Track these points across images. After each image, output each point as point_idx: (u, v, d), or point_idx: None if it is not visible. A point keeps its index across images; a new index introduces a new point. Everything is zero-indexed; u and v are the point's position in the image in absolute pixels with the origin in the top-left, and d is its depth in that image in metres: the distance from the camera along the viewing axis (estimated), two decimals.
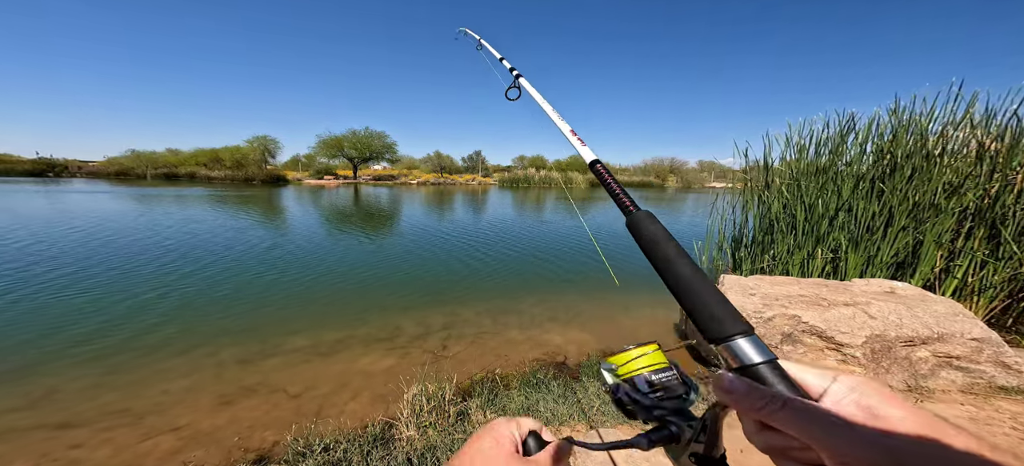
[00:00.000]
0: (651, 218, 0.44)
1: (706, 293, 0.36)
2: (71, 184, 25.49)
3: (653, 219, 0.44)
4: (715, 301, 0.36)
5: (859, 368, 2.64)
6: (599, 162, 0.57)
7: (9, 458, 1.98)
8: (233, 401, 2.54)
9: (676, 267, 0.39)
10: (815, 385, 0.30)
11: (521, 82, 0.94)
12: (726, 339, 0.33)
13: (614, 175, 0.53)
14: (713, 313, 0.35)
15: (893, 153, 4.02)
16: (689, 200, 25.34)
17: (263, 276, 5.37)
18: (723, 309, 0.35)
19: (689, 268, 0.39)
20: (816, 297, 3.04)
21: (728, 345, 0.33)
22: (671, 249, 0.41)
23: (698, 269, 0.39)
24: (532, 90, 0.86)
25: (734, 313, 0.34)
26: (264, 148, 42.13)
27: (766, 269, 4.78)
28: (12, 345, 3.17)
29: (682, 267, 0.39)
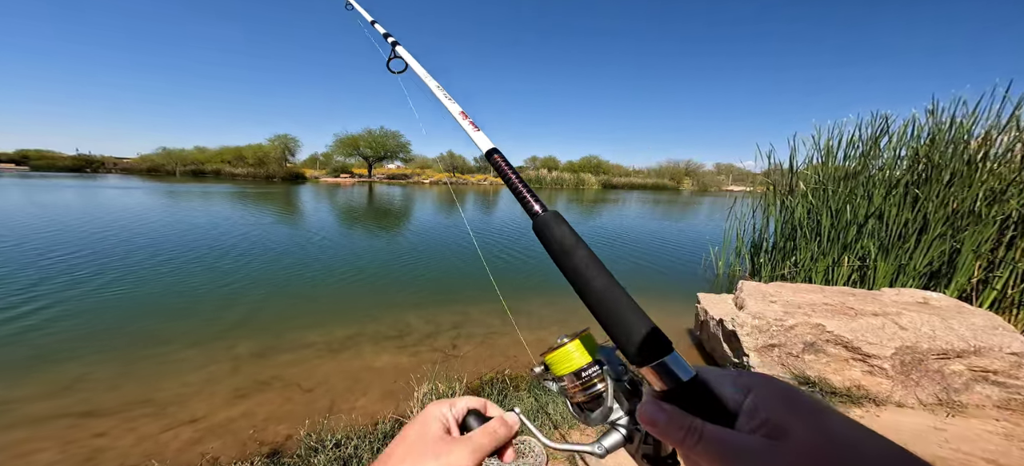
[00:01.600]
0: (559, 220, 0.39)
1: (624, 308, 0.34)
2: (106, 180, 26.84)
3: (562, 221, 0.39)
4: (633, 317, 0.33)
5: (886, 381, 2.52)
6: (497, 152, 0.48)
7: (36, 445, 2.07)
8: (248, 394, 2.60)
9: (588, 277, 0.35)
10: (732, 399, 0.30)
11: (400, 52, 0.77)
12: (648, 359, 0.31)
13: (519, 174, 0.44)
14: (631, 331, 0.32)
15: (930, 157, 3.80)
16: (705, 203, 24.75)
17: (279, 271, 5.51)
18: (641, 326, 0.32)
19: (604, 279, 0.35)
20: (842, 306, 2.91)
21: (653, 366, 0.31)
22: (581, 256, 0.36)
23: (614, 281, 0.35)
24: (414, 63, 0.72)
25: (653, 330, 0.32)
26: (284, 146, 43.40)
27: (787, 276, 4.60)
28: (39, 335, 3.34)
29: (596, 278, 0.35)
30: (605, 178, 51.26)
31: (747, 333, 2.82)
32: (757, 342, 2.79)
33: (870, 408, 2.43)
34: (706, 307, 3.37)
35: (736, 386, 0.30)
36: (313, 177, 42.33)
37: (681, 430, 0.29)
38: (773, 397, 0.27)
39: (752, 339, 2.80)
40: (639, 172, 61.68)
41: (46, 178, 26.55)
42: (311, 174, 44.41)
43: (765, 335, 2.78)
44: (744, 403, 0.29)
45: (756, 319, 2.83)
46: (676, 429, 0.29)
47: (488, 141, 0.51)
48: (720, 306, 3.32)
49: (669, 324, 4.13)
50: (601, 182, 48.65)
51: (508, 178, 0.44)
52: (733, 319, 2.92)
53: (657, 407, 0.30)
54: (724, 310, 3.20)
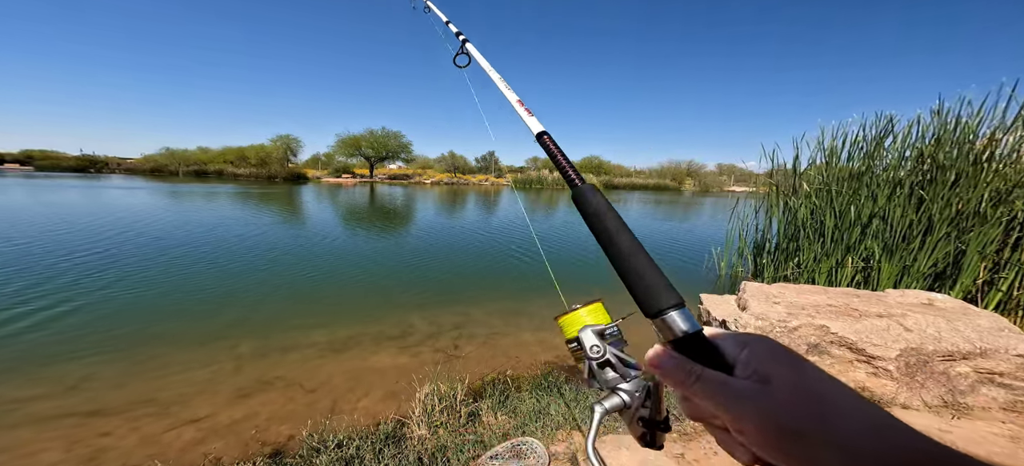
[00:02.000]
0: (595, 191, 0.46)
1: (643, 266, 0.38)
2: (110, 180, 26.98)
3: (597, 192, 0.45)
4: (651, 274, 0.37)
5: (891, 383, 2.51)
6: (546, 134, 0.55)
7: (43, 444, 2.08)
8: (251, 394, 2.61)
9: (616, 239, 0.40)
10: (731, 353, 0.33)
11: (468, 48, 0.87)
12: (660, 313, 0.35)
13: (565, 155, 0.52)
14: (649, 286, 0.36)
15: (935, 158, 3.78)
16: (707, 204, 24.67)
17: (282, 270, 5.52)
18: (658, 282, 0.36)
19: (629, 241, 0.40)
20: (846, 307, 2.89)
21: (662, 318, 0.35)
22: (612, 220, 0.42)
23: (637, 242, 0.40)
24: (479, 57, 0.81)
25: (668, 286, 0.36)
26: (287, 147, 43.54)
27: (790, 277, 4.58)
28: (46, 334, 3.35)
29: (622, 239, 0.40)
30: (606, 178, 51.22)
31: None
32: None
33: None
34: (708, 308, 3.36)
35: (736, 341, 0.33)
36: (315, 177, 42.42)
37: (683, 372, 0.32)
38: (763, 351, 0.31)
39: None
40: (640, 172, 61.55)
41: (51, 178, 26.71)
42: (313, 174, 44.52)
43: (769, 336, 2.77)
44: (741, 355, 0.32)
45: (759, 320, 2.82)
46: (679, 371, 0.33)
47: (538, 124, 0.58)
48: (723, 307, 3.31)
49: None
50: (602, 182, 48.58)
51: (555, 157, 0.52)
52: (736, 320, 2.91)
53: (665, 352, 0.34)
54: (727, 311, 3.18)
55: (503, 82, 0.70)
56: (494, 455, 1.82)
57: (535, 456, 1.81)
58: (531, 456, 1.81)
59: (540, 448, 1.85)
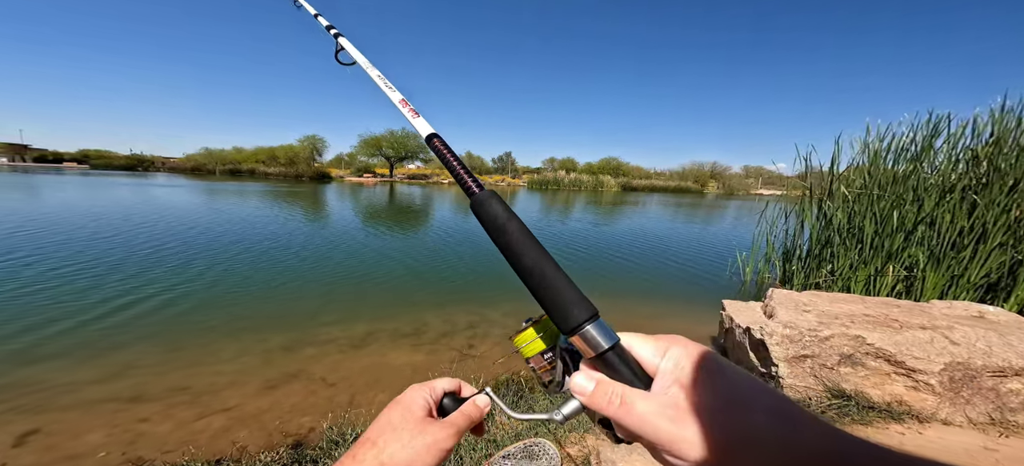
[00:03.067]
0: (494, 198, 0.40)
1: (553, 280, 0.36)
2: (156, 178, 28.89)
3: (497, 199, 0.40)
4: (563, 288, 0.35)
5: (932, 397, 2.35)
6: (437, 137, 0.49)
7: (86, 426, 2.25)
8: (277, 386, 2.72)
9: (521, 251, 0.37)
10: (651, 362, 0.32)
11: (343, 43, 0.77)
12: (575, 329, 0.33)
13: (459, 157, 0.45)
14: (561, 302, 0.35)
15: (992, 160, 3.48)
16: (730, 207, 23.73)
17: (308, 267, 5.74)
18: (570, 296, 0.35)
19: (535, 253, 0.37)
20: (885, 318, 2.72)
21: (580, 335, 0.33)
22: (514, 231, 0.38)
23: (545, 254, 0.37)
24: (356, 53, 0.72)
25: (581, 299, 0.34)
26: (313, 147, 45.32)
27: (822, 285, 4.34)
28: (104, 324, 3.62)
29: (527, 252, 0.37)
30: (624, 180, 50.21)
31: (776, 343, 2.68)
32: (788, 352, 2.64)
33: (912, 425, 2.28)
34: (732, 314, 3.23)
35: (656, 348, 0.32)
36: (338, 176, 43.91)
37: (605, 397, 0.31)
38: (682, 359, 0.30)
39: (782, 349, 2.66)
40: (661, 174, 60.01)
41: (105, 176, 28.91)
42: (336, 174, 46.10)
43: (797, 345, 2.63)
44: (661, 364, 0.31)
45: (787, 328, 2.69)
46: (601, 397, 0.32)
47: (428, 126, 0.52)
48: (747, 314, 3.17)
49: (690, 331, 3.99)
50: (620, 184, 47.68)
51: (447, 161, 0.45)
52: (761, 328, 2.78)
53: (586, 376, 0.33)
54: (751, 318, 3.05)
55: (384, 81, 0.63)
56: (506, 455, 1.82)
57: (547, 457, 1.79)
58: (543, 457, 1.79)
59: (553, 450, 1.84)
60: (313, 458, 1.91)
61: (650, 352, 0.32)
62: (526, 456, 1.87)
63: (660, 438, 0.28)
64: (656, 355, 0.32)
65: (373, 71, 0.66)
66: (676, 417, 0.28)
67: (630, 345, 0.33)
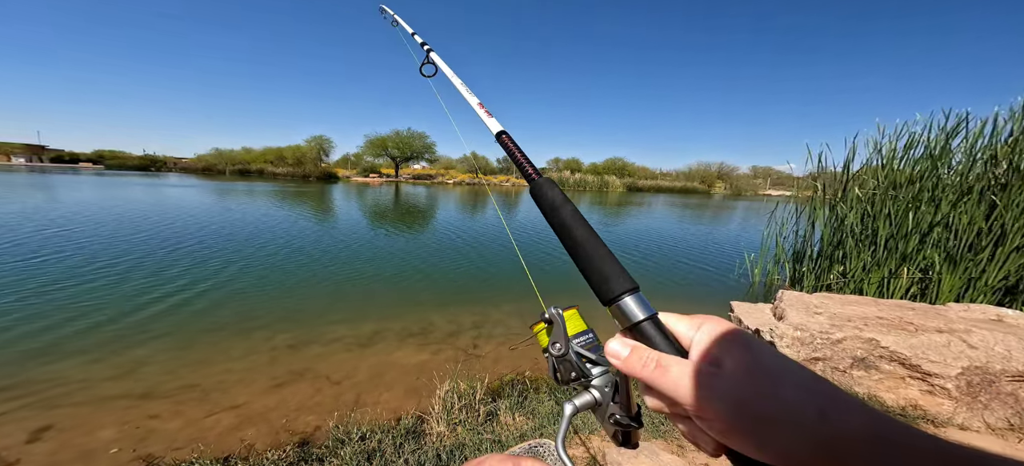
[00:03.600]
0: (551, 184, 0.46)
1: (598, 254, 0.38)
2: (168, 178, 29.41)
3: (553, 185, 0.46)
4: (606, 261, 0.38)
5: (949, 402, 2.29)
6: (505, 133, 0.57)
7: (99, 422, 2.29)
8: (283, 384, 2.74)
9: (572, 229, 0.41)
10: (686, 336, 0.33)
11: (433, 57, 0.91)
12: (615, 299, 0.35)
13: (523, 151, 0.53)
14: (604, 274, 0.37)
15: (1013, 160, 3.37)
16: (738, 208, 23.42)
17: (316, 267, 5.79)
18: (612, 269, 0.37)
19: (584, 230, 0.40)
20: (899, 321, 2.65)
21: (618, 305, 0.35)
22: (568, 212, 0.42)
23: (592, 232, 0.40)
24: (443, 65, 0.85)
25: (622, 272, 0.37)
26: (320, 147, 45.77)
27: (834, 287, 4.26)
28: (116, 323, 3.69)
29: (577, 229, 0.41)
30: (630, 180, 49.87)
31: (787, 345, 2.63)
32: (798, 355, 2.60)
33: (927, 429, 2.22)
34: (740, 316, 3.18)
35: (690, 323, 0.34)
36: (345, 176, 44.28)
37: (640, 361, 0.32)
38: (716, 333, 0.31)
39: (793, 351, 2.61)
40: (667, 175, 59.48)
41: (119, 175, 29.51)
42: (343, 174, 46.50)
43: (808, 348, 2.59)
44: (695, 337, 0.32)
45: (798, 331, 2.64)
46: (636, 360, 0.32)
47: (498, 124, 0.59)
48: (756, 316, 3.13)
49: None
50: (626, 184, 47.36)
51: (513, 154, 0.53)
52: (771, 330, 2.74)
53: (621, 342, 0.34)
54: (761, 320, 3.01)
55: (465, 87, 0.73)
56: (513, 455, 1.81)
57: (553, 458, 1.78)
58: (549, 458, 1.78)
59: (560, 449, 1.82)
60: (319, 457, 1.92)
61: (685, 327, 0.34)
62: (531, 456, 1.86)
63: (695, 401, 0.29)
64: (691, 329, 0.33)
65: (457, 80, 0.76)
66: (709, 381, 0.29)
67: (666, 321, 0.35)
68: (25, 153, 58.98)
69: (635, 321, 0.34)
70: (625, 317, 0.35)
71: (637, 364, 0.32)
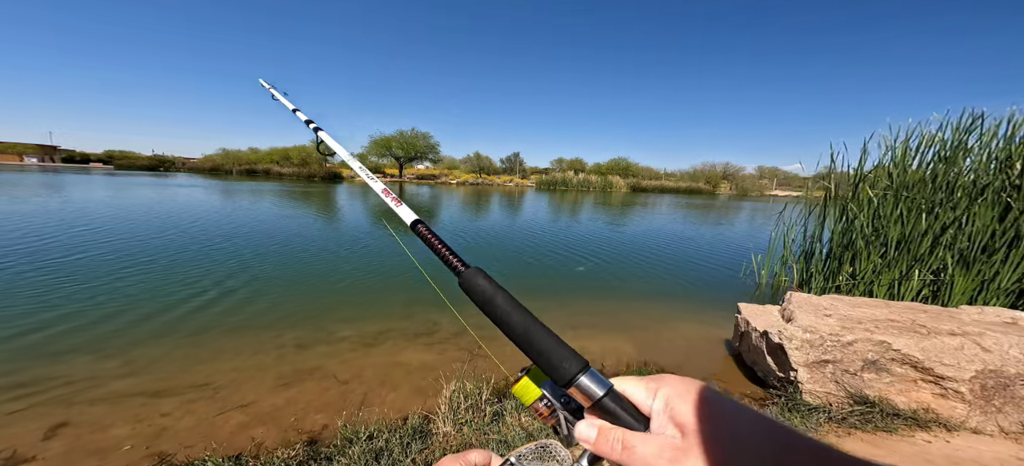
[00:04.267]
0: (480, 274, 0.44)
1: (542, 339, 0.38)
2: (176, 178, 29.77)
3: (483, 274, 0.44)
4: (552, 345, 0.38)
5: (962, 405, 2.27)
6: (421, 223, 0.54)
7: (111, 420, 2.32)
8: (292, 383, 2.77)
9: (510, 319, 0.40)
10: (644, 402, 0.34)
11: (322, 137, 0.85)
12: (570, 381, 0.36)
13: (442, 239, 0.50)
14: (553, 359, 0.37)
15: None
16: (744, 209, 23.19)
17: (322, 266, 5.83)
18: (560, 351, 0.37)
19: (523, 318, 0.40)
20: (911, 323, 2.62)
21: (575, 385, 0.35)
22: (500, 301, 0.41)
23: (531, 316, 0.40)
24: (335, 145, 0.81)
25: (570, 353, 0.37)
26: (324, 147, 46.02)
27: (843, 288, 4.21)
28: (126, 319, 3.75)
29: (515, 318, 0.40)
30: (634, 181, 49.59)
31: (796, 347, 2.61)
32: (807, 357, 2.57)
33: (939, 433, 2.21)
34: (747, 318, 3.16)
35: (647, 389, 0.34)
36: (349, 177, 44.48)
37: (607, 443, 0.33)
38: (673, 397, 0.32)
39: (802, 354, 2.59)
40: (671, 175, 59.05)
41: (129, 176, 29.92)
42: (347, 174, 46.71)
43: (817, 350, 2.56)
44: (653, 405, 0.33)
45: (807, 333, 2.61)
46: (605, 443, 0.33)
47: (412, 214, 0.57)
48: (764, 318, 3.10)
49: (703, 335, 3.92)
50: (630, 185, 47.11)
51: (432, 243, 0.50)
52: (780, 332, 2.71)
53: (589, 425, 0.35)
54: (768, 322, 2.98)
55: (365, 171, 0.70)
56: (518, 456, 1.82)
57: (559, 460, 1.78)
58: (556, 459, 1.78)
59: (564, 452, 1.82)
60: (328, 456, 1.94)
61: (642, 394, 0.34)
62: (537, 457, 1.86)
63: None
64: (648, 397, 0.34)
65: (355, 164, 0.71)
66: (674, 457, 0.29)
67: (623, 389, 0.35)
68: (37, 153, 60.02)
69: (594, 400, 0.35)
70: (585, 397, 0.35)
71: (605, 446, 0.33)
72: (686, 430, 0.30)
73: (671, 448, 0.30)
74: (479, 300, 0.42)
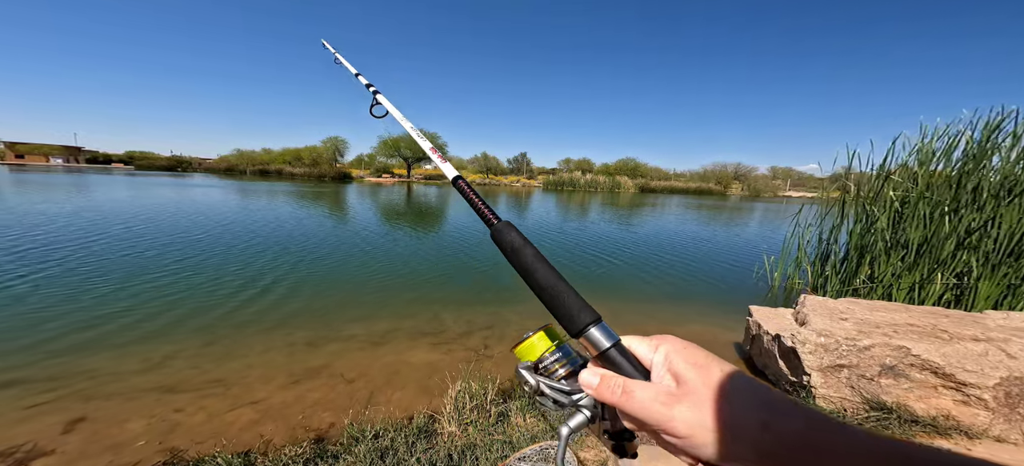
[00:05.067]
0: (511, 227, 0.47)
1: (561, 291, 0.40)
2: (193, 178, 30.57)
3: (512, 228, 0.47)
4: (569, 297, 0.40)
5: (985, 412, 2.19)
6: (461, 178, 0.59)
7: (127, 415, 2.38)
8: (300, 381, 2.80)
9: (534, 270, 0.43)
10: (646, 358, 0.36)
11: (379, 98, 0.89)
12: (581, 331, 0.38)
13: (477, 190, 0.55)
14: (568, 309, 0.39)
15: None
16: (757, 210, 22.70)
17: (330, 265, 5.91)
18: (575, 303, 0.39)
19: (546, 269, 0.42)
20: (932, 328, 2.52)
21: (585, 336, 0.38)
22: (529, 254, 0.44)
23: (554, 270, 0.43)
24: (391, 108, 0.83)
25: (584, 305, 0.39)
26: (335, 147, 46.83)
27: (860, 291, 4.08)
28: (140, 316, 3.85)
29: (540, 269, 0.43)
30: (642, 181, 49.04)
31: (810, 351, 2.54)
32: (822, 361, 2.50)
33: (960, 440, 2.13)
34: (759, 321, 3.09)
35: (650, 345, 0.36)
36: (358, 177, 45.14)
37: (609, 388, 0.35)
38: (672, 352, 0.34)
39: (816, 357, 2.52)
40: (681, 175, 58.22)
41: (149, 176, 30.84)
42: (357, 174, 47.44)
43: (832, 354, 2.49)
44: (654, 358, 0.35)
45: (822, 337, 2.54)
46: (607, 388, 0.35)
47: (453, 170, 0.62)
48: (776, 321, 3.03)
49: (713, 337, 3.85)
50: (638, 185, 46.60)
51: (470, 198, 0.55)
52: (793, 335, 2.64)
53: (591, 371, 0.37)
54: (781, 325, 2.91)
55: (416, 131, 0.73)
56: (522, 457, 1.80)
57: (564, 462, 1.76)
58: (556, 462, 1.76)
59: (569, 454, 1.80)
60: (334, 454, 1.95)
61: (645, 349, 0.37)
62: (542, 459, 1.85)
63: (657, 421, 0.31)
64: (650, 351, 0.36)
65: (407, 123, 0.75)
66: (667, 401, 0.32)
67: (629, 345, 0.37)
68: (63, 154, 62.33)
69: (601, 350, 0.37)
70: (592, 346, 0.37)
71: (606, 391, 0.35)
72: (682, 380, 0.32)
73: (666, 394, 0.32)
74: (508, 250, 0.46)
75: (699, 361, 0.33)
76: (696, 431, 0.30)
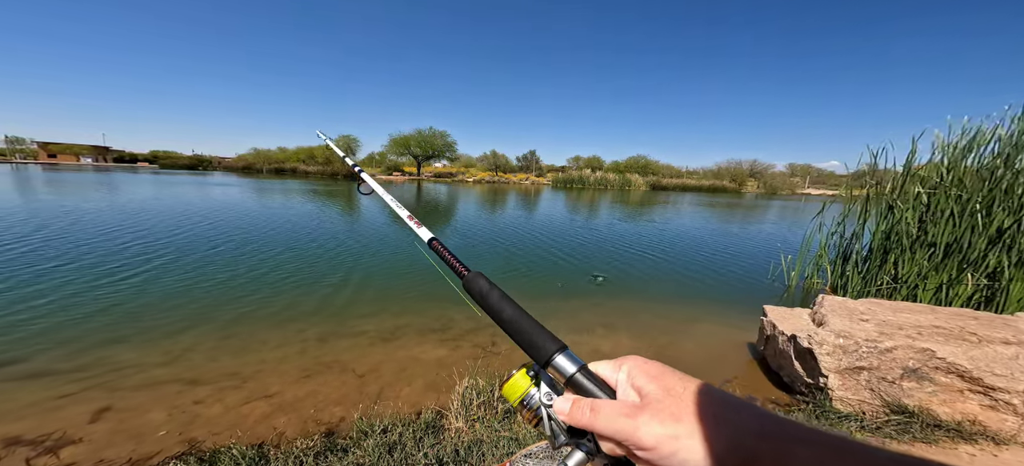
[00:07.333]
0: (479, 275, 0.51)
1: (526, 325, 0.43)
2: (213, 176, 31.54)
3: (481, 276, 0.51)
4: (534, 329, 0.43)
5: (1013, 418, 2.09)
6: (436, 239, 0.66)
7: (148, 406, 2.48)
8: (313, 375, 2.87)
9: (500, 309, 0.46)
10: (611, 377, 0.38)
11: (364, 177, 1.06)
12: (549, 359, 0.40)
13: (451, 250, 0.61)
14: (534, 341, 0.42)
15: None
16: (772, 208, 22.03)
17: (343, 261, 6.01)
18: (540, 335, 0.42)
19: (511, 308, 0.46)
20: (959, 330, 2.41)
21: (552, 364, 0.40)
22: (495, 296, 0.48)
23: (518, 307, 0.46)
24: (374, 184, 0.98)
25: (549, 336, 0.41)
26: (347, 146, 47.57)
27: (883, 292, 3.93)
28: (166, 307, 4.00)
29: (505, 308, 0.46)
30: (654, 179, 48.21)
31: (827, 352, 2.46)
32: (840, 363, 2.42)
33: (986, 446, 2.04)
34: (774, 321, 3.01)
35: (614, 366, 0.38)
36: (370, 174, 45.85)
37: (580, 410, 0.36)
38: (635, 368, 0.36)
39: (833, 359, 2.43)
40: (693, 173, 56.95)
41: (172, 174, 31.99)
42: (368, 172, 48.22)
43: (851, 356, 2.40)
44: (618, 377, 0.37)
45: (841, 338, 2.46)
46: (578, 411, 0.36)
47: (428, 232, 0.69)
48: (792, 321, 2.94)
49: (725, 337, 3.77)
50: (649, 183, 45.84)
51: (443, 255, 0.60)
52: (810, 336, 2.56)
53: (564, 398, 0.38)
54: (797, 326, 2.82)
55: (394, 202, 0.84)
56: (528, 453, 1.80)
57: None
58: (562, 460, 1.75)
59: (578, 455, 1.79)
60: (344, 447, 1.99)
61: (609, 370, 0.38)
62: (548, 456, 1.84)
63: (624, 435, 0.32)
64: (614, 371, 0.38)
65: (387, 196, 0.87)
66: (631, 413, 0.33)
67: (595, 368, 0.39)
68: (92, 154, 65.16)
69: (568, 375, 0.39)
70: (560, 374, 0.39)
71: (578, 413, 0.36)
72: (643, 393, 0.34)
73: (630, 407, 0.34)
74: (477, 296, 0.49)
75: (655, 373, 0.35)
76: (661, 441, 0.31)
